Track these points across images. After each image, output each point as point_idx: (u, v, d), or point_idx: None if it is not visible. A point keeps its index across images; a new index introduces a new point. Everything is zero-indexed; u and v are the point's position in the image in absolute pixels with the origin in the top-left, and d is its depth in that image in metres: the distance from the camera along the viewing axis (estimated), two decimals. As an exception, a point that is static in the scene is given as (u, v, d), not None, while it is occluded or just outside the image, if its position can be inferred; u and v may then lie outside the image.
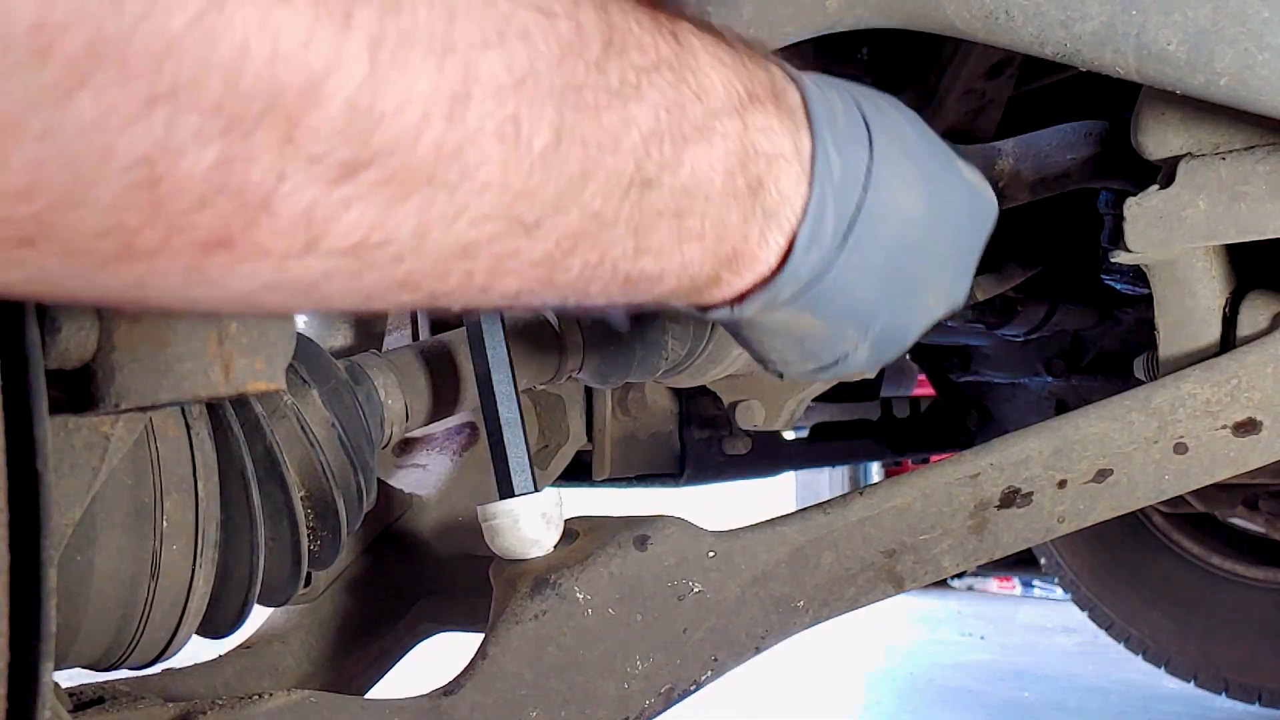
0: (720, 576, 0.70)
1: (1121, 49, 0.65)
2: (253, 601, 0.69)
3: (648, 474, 1.24)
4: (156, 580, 0.62)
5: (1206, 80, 0.64)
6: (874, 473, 3.79)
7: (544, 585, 0.67)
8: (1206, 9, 0.63)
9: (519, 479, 0.69)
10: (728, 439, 1.28)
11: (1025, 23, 0.67)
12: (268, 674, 0.88)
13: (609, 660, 0.67)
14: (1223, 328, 0.74)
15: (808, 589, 0.72)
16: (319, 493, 0.71)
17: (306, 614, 0.92)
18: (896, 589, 0.73)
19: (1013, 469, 0.72)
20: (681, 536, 0.70)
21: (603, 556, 0.68)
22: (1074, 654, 2.79)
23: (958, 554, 0.72)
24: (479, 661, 0.65)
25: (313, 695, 0.61)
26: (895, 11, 0.69)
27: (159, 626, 0.63)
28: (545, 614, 0.66)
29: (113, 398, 0.54)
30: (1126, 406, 0.71)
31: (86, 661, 0.65)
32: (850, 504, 0.72)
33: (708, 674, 0.70)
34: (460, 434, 1.03)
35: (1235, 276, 0.76)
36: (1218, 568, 1.92)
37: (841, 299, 0.51)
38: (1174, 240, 0.72)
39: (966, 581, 3.89)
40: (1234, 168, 0.70)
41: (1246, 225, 0.70)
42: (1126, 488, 0.71)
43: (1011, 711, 2.33)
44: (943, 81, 1.00)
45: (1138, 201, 0.73)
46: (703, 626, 0.69)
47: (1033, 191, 0.93)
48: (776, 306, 0.50)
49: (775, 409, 1.08)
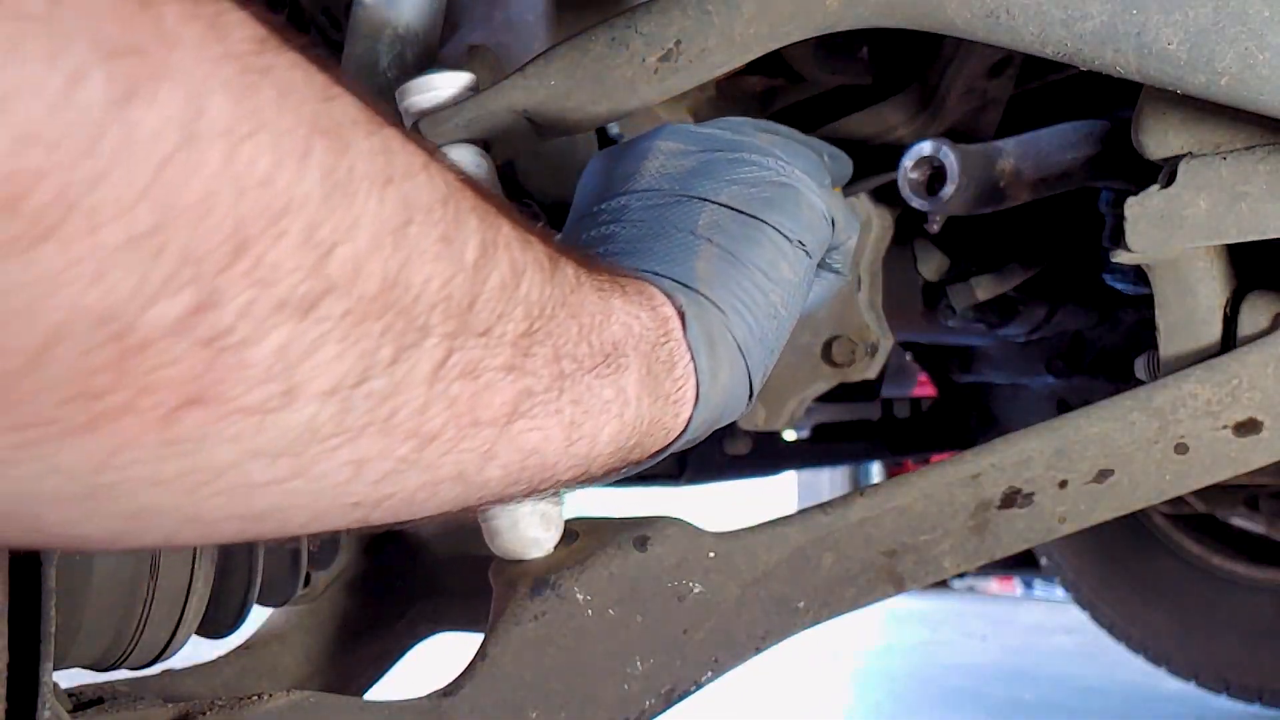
0: (720, 577, 0.70)
1: (1122, 48, 0.65)
2: (252, 601, 0.69)
3: (648, 474, 1.24)
4: (156, 580, 0.61)
5: (1207, 80, 0.64)
6: (875, 473, 3.79)
7: (544, 586, 0.67)
8: (1207, 8, 0.63)
9: (519, 479, 0.69)
10: (728, 439, 1.28)
11: (1026, 22, 0.67)
12: (267, 674, 0.88)
13: (609, 661, 0.67)
14: (1224, 327, 0.74)
15: (808, 589, 0.72)
16: (319, 493, 0.71)
17: (306, 614, 0.91)
18: (897, 589, 0.73)
19: (1014, 469, 0.72)
20: (681, 537, 0.70)
21: (603, 557, 0.68)
22: (1075, 654, 2.79)
23: (959, 554, 0.72)
24: (479, 662, 0.65)
25: (312, 695, 0.61)
26: (895, 11, 0.69)
27: (158, 626, 0.63)
28: (545, 615, 0.66)
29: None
30: (1127, 406, 0.71)
31: (86, 661, 0.65)
32: (851, 504, 0.72)
33: (708, 675, 0.70)
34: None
35: (1236, 276, 0.76)
36: (1219, 568, 1.92)
37: (729, 389, 0.57)
38: (1175, 240, 0.72)
39: (967, 582, 3.89)
40: (1235, 167, 0.70)
41: (1247, 225, 0.70)
42: (1128, 488, 0.71)
43: (1012, 711, 2.33)
44: (943, 81, 1.00)
45: (1138, 201, 0.73)
46: (703, 627, 0.69)
47: (1034, 191, 0.93)
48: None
49: (776, 409, 1.07)
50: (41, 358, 0.26)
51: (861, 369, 1.03)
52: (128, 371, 0.28)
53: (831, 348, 1.01)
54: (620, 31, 0.72)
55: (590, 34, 0.73)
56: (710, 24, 0.71)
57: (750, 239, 0.57)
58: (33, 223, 0.24)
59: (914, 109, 1.02)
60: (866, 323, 1.02)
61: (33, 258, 0.25)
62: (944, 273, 1.18)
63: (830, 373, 1.03)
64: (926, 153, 0.92)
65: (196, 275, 0.28)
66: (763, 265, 0.57)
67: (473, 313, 0.37)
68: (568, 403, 0.44)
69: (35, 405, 0.27)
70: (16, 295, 0.25)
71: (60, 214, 0.25)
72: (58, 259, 0.25)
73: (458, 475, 0.39)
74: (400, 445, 0.36)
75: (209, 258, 0.28)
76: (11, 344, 0.25)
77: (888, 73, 1.06)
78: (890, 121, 1.03)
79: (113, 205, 0.26)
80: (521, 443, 0.42)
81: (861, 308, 1.02)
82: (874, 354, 1.03)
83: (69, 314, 0.26)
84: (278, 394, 0.31)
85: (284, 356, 0.31)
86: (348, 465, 0.34)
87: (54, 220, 0.25)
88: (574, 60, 0.73)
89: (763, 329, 0.57)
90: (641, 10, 0.72)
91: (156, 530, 0.33)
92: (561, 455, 0.45)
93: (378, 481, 0.36)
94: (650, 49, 0.72)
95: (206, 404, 0.30)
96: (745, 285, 0.56)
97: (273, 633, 0.91)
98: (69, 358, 0.26)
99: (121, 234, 0.26)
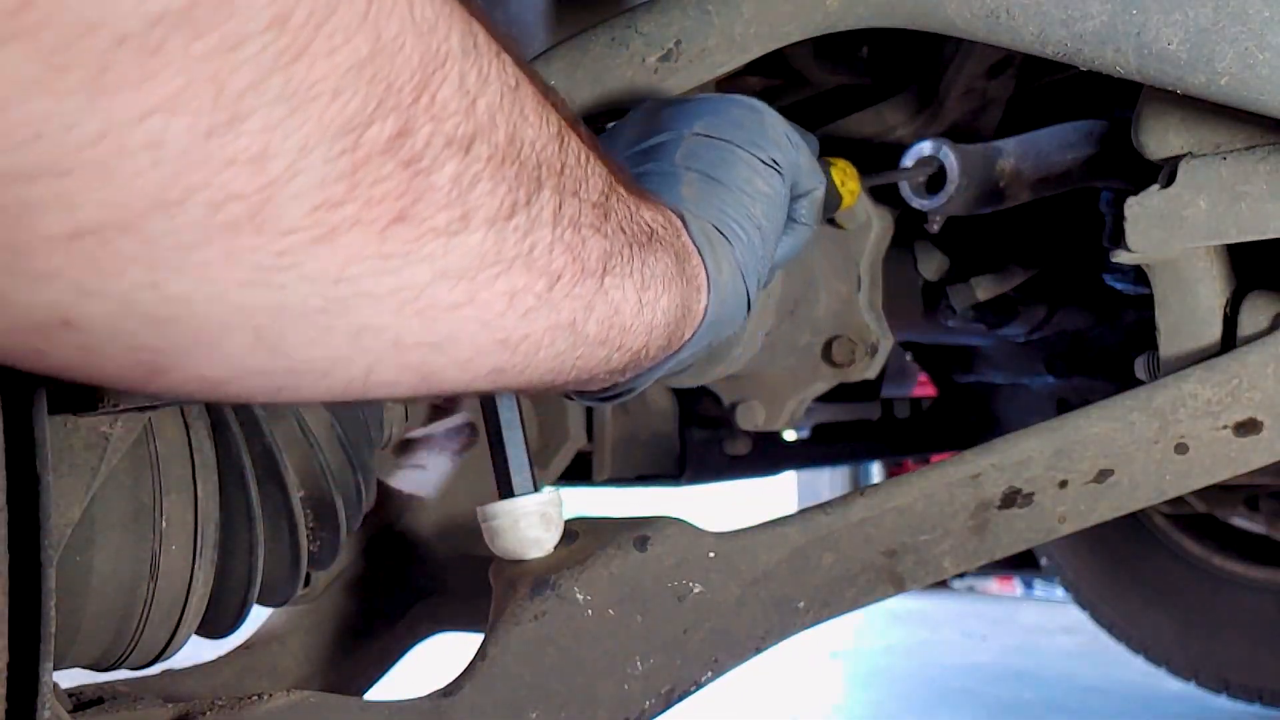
0: (721, 577, 0.70)
1: (1122, 48, 0.65)
2: (252, 602, 0.69)
3: (648, 474, 1.24)
4: (156, 580, 0.61)
5: (1207, 79, 0.64)
6: (875, 473, 3.79)
7: (544, 586, 0.67)
8: (1207, 8, 0.63)
9: (519, 479, 0.69)
10: (728, 439, 1.27)
11: (1026, 22, 0.67)
12: (267, 674, 0.88)
13: (609, 661, 0.67)
14: (1224, 327, 0.74)
15: (808, 589, 0.71)
16: (318, 493, 0.71)
17: (306, 614, 0.91)
18: (897, 589, 0.73)
19: (1014, 469, 0.72)
20: (681, 537, 0.70)
21: (603, 557, 0.68)
22: (1075, 654, 2.79)
23: (959, 554, 0.72)
24: (479, 662, 0.65)
25: (313, 695, 0.61)
26: (895, 11, 0.69)
27: (158, 627, 0.63)
28: (545, 615, 0.66)
29: (112, 398, 0.54)
30: (1127, 406, 0.71)
31: (86, 661, 0.65)
32: (851, 504, 0.72)
33: (708, 675, 0.70)
34: (460, 434, 1.03)
35: (1236, 276, 0.76)
36: (1219, 568, 1.92)
37: (731, 285, 0.61)
38: (1175, 240, 0.72)
39: (967, 582, 3.89)
40: (1235, 167, 0.70)
41: (1247, 225, 0.70)
42: (1128, 488, 0.71)
43: (1012, 711, 2.33)
44: (943, 81, 1.00)
45: (1138, 201, 0.73)
46: (703, 627, 0.69)
47: (1034, 191, 0.93)
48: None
49: (776, 409, 1.07)
50: (296, 164, 0.30)
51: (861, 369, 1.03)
52: (356, 183, 0.32)
53: (831, 348, 1.01)
54: (620, 31, 0.72)
55: (590, 34, 0.73)
56: (710, 24, 0.71)
57: (725, 161, 0.63)
58: (294, 40, 0.29)
59: (914, 109, 1.02)
60: (866, 323, 1.02)
61: (290, 72, 0.29)
62: (944, 273, 1.18)
63: (830, 373, 1.03)
64: (926, 153, 0.92)
65: (397, 104, 0.33)
66: (740, 183, 0.63)
67: (565, 175, 0.44)
68: (637, 267, 0.51)
69: (292, 211, 0.31)
70: (279, 106, 0.29)
71: (310, 34, 0.29)
72: (308, 76, 0.29)
73: (570, 322, 0.46)
74: (537, 280, 0.42)
75: (404, 89, 0.33)
76: (272, 149, 0.29)
77: (888, 73, 1.06)
78: (890, 121, 1.03)
79: (342, 31, 0.30)
80: (610, 299, 0.49)
81: (861, 308, 1.02)
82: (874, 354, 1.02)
83: (316, 126, 0.30)
84: (456, 218, 0.37)
85: (458, 184, 0.36)
86: (503, 295, 0.41)
87: (306, 40, 0.29)
88: (574, 60, 0.73)
89: (749, 237, 0.62)
90: (641, 10, 0.72)
91: (365, 357, 0.37)
92: (634, 318, 0.51)
93: (521, 316, 0.42)
94: (650, 49, 0.72)
95: (408, 221, 0.35)
96: (728, 201, 0.62)
97: (273, 633, 0.91)
98: (316, 166, 0.31)
99: (351, 57, 0.30)
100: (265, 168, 0.29)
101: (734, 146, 0.64)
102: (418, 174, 0.34)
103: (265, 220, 0.30)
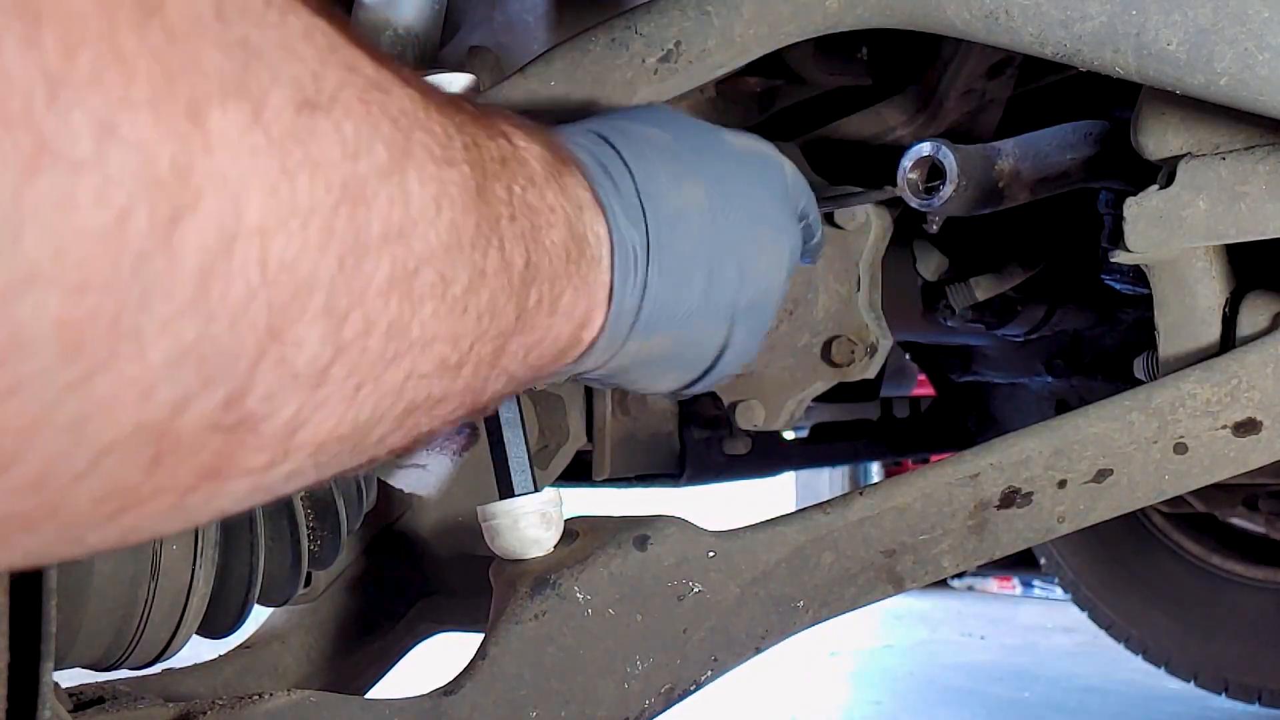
0: (720, 577, 0.70)
1: (1121, 49, 0.65)
2: (253, 601, 0.69)
3: (648, 474, 1.24)
4: (156, 580, 0.62)
5: (1206, 80, 0.64)
6: (874, 473, 3.79)
7: (544, 585, 0.67)
8: (1207, 9, 0.63)
9: (519, 479, 0.69)
10: (728, 439, 1.27)
11: (1025, 23, 0.67)
12: (268, 674, 0.89)
13: (609, 660, 0.67)
14: (1223, 328, 0.74)
15: (808, 589, 0.72)
16: (319, 493, 0.71)
17: (306, 614, 0.92)
18: (896, 589, 0.73)
19: (1013, 469, 0.72)
20: (681, 536, 0.70)
21: (603, 557, 0.68)
22: (1074, 654, 2.79)
23: (958, 554, 0.72)
24: (479, 661, 0.65)
25: (313, 695, 0.61)
26: (895, 11, 0.69)
27: (159, 626, 0.63)
28: (545, 614, 0.66)
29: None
30: (1126, 406, 0.71)
31: (86, 661, 0.65)
32: (850, 504, 0.72)
33: (708, 674, 0.70)
34: (460, 434, 1.03)
35: (1235, 276, 0.76)
36: (1218, 568, 1.92)
37: (674, 305, 0.54)
38: (1174, 240, 0.72)
39: (966, 581, 3.89)
40: (1234, 168, 0.70)
41: (1247, 225, 0.70)
42: (1127, 488, 0.71)
43: (1011, 711, 2.33)
44: (943, 81, 1.00)
45: (1138, 201, 0.73)
46: (703, 626, 0.69)
47: (1033, 191, 0.93)
48: (622, 342, 0.53)
49: (775, 409, 1.07)
50: (89, 473, 0.27)
51: (861, 369, 1.03)
52: (157, 471, 0.28)
53: (831, 348, 1.01)
54: (620, 32, 0.72)
55: (590, 34, 0.73)
56: (710, 25, 0.72)
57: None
58: (90, 360, 0.25)
59: (913, 109, 1.02)
60: (866, 323, 1.02)
61: (89, 390, 0.25)
62: (943, 273, 1.18)
63: (829, 373, 1.03)
64: (925, 153, 0.92)
65: (232, 370, 0.28)
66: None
67: (446, 348, 0.39)
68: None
69: (74, 506, 0.28)
70: (74, 426, 0.25)
71: (112, 346, 0.25)
72: (111, 386, 0.26)
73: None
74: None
75: (244, 351, 0.28)
76: (64, 467, 0.26)
77: (887, 73, 1.06)
78: (889, 122, 1.03)
79: (159, 325, 0.26)
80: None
81: (861, 308, 1.02)
82: (873, 354, 1.02)
83: (117, 433, 0.26)
84: (278, 456, 0.32)
85: (292, 424, 0.31)
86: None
87: (107, 354, 0.25)
88: (574, 61, 0.73)
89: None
90: (641, 11, 0.72)
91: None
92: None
93: None
94: (650, 50, 0.72)
95: (218, 477, 0.31)
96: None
97: (273, 633, 0.91)
98: (111, 468, 0.27)
99: (167, 350, 0.26)
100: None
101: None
102: (241, 432, 0.30)
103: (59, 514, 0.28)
